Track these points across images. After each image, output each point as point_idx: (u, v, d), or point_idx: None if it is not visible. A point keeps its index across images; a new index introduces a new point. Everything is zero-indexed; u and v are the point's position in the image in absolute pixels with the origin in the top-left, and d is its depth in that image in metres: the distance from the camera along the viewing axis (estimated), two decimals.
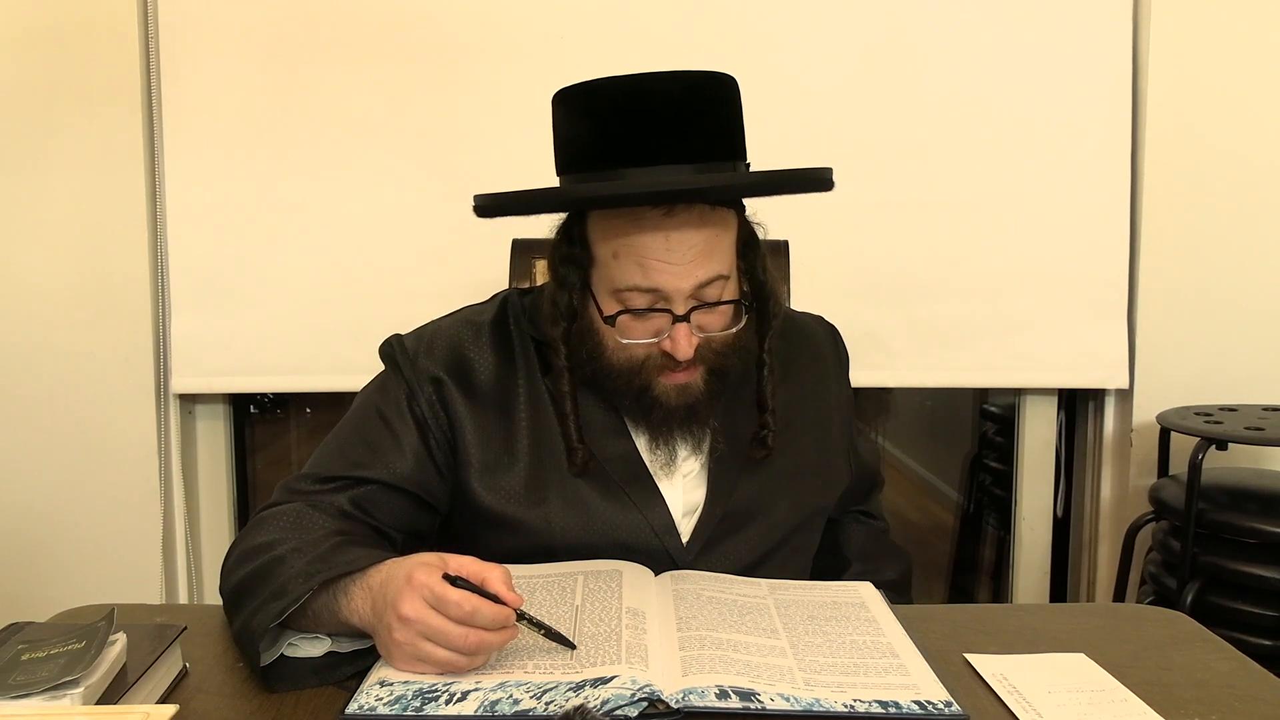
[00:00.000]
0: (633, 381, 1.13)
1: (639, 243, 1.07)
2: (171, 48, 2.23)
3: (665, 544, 1.16)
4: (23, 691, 0.80)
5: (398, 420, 1.16)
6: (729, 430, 1.19)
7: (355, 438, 1.17)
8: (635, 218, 1.07)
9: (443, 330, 1.21)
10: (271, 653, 0.96)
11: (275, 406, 2.65)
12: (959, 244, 2.27)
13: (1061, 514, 2.49)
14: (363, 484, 1.13)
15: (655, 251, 1.07)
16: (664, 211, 1.06)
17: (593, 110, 1.09)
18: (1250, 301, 2.25)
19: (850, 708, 0.86)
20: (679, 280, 1.08)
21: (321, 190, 2.26)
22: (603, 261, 1.11)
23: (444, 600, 0.88)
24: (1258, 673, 0.98)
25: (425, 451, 1.16)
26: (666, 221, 1.07)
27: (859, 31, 2.24)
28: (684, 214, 1.07)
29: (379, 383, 1.21)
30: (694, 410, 1.14)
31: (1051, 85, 2.24)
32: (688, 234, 1.07)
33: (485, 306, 1.25)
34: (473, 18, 2.23)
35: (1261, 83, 2.22)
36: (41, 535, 2.29)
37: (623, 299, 1.10)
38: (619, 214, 1.09)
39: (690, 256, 1.08)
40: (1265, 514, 1.90)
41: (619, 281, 1.09)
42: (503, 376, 1.18)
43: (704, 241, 1.08)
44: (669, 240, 1.07)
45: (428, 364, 1.17)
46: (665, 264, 1.07)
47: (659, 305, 1.09)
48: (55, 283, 2.25)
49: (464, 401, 1.16)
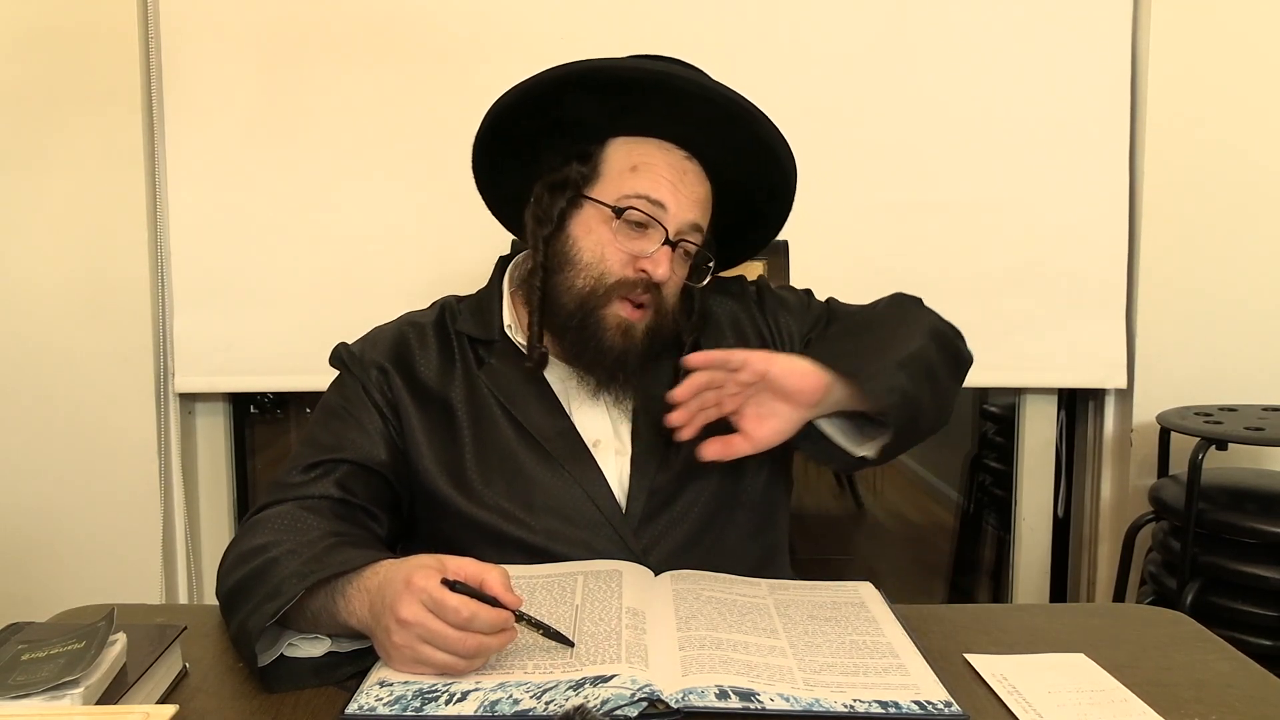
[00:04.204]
0: (586, 304, 1.18)
1: (660, 163, 1.20)
2: (172, 48, 2.23)
3: (605, 515, 1.18)
4: (23, 691, 0.80)
5: (360, 409, 1.21)
6: (648, 407, 1.22)
7: (324, 430, 1.21)
8: (662, 147, 1.22)
9: (385, 331, 1.29)
10: (271, 653, 0.96)
11: (275, 406, 2.65)
12: (959, 244, 2.27)
13: (1061, 514, 2.49)
14: (341, 465, 1.17)
15: (673, 175, 1.20)
16: (685, 155, 1.22)
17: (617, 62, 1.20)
18: (1250, 301, 2.25)
19: (850, 708, 0.86)
20: (683, 210, 1.20)
21: (322, 190, 2.26)
22: (615, 174, 1.21)
23: (442, 605, 0.88)
24: (1258, 673, 0.98)
25: (388, 434, 1.21)
26: (686, 163, 1.22)
27: (858, 32, 2.24)
28: (697, 167, 1.23)
29: (335, 384, 1.27)
30: (625, 358, 1.19)
31: (1051, 85, 2.24)
32: (697, 181, 1.23)
33: (426, 311, 1.33)
34: (473, 18, 2.23)
35: (1261, 82, 2.22)
36: (41, 535, 2.29)
37: (627, 204, 1.18)
38: (646, 142, 1.22)
39: (695, 198, 1.22)
40: (1265, 514, 1.90)
41: (630, 189, 1.19)
42: (442, 371, 1.24)
43: (704, 194, 1.24)
44: (685, 177, 1.21)
45: (373, 356, 1.24)
46: (677, 188, 1.20)
47: (657, 222, 1.18)
48: (55, 282, 2.25)
49: (408, 391, 1.22)
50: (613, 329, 1.19)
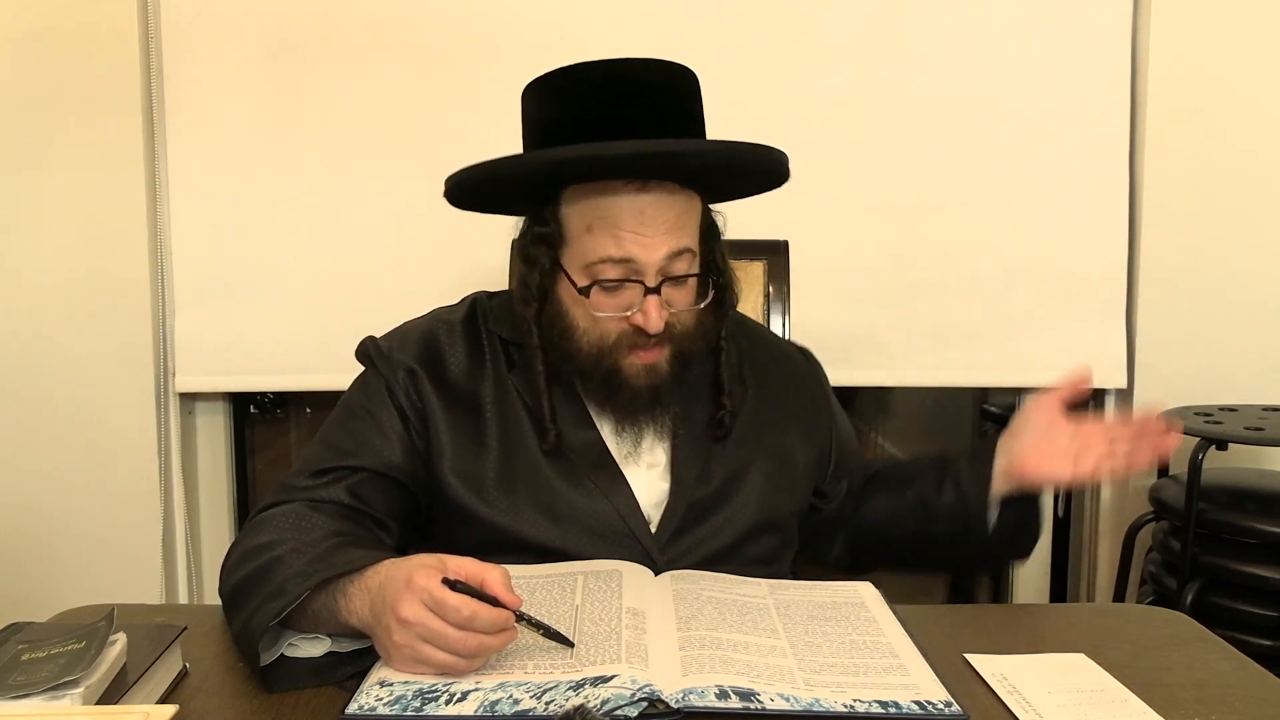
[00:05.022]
0: (602, 362, 1.15)
1: (614, 215, 1.11)
2: (172, 48, 2.23)
3: (633, 529, 1.17)
4: (23, 691, 0.80)
5: (381, 411, 1.19)
6: (688, 417, 1.22)
7: (342, 432, 1.19)
8: (610, 191, 1.11)
9: (415, 327, 1.26)
10: (271, 653, 0.96)
11: (275, 406, 2.65)
12: (959, 244, 2.27)
13: (1061, 514, 2.49)
14: (356, 472, 1.15)
15: (629, 223, 1.11)
16: (638, 186, 1.10)
17: (567, 90, 1.13)
18: (1250, 301, 2.25)
19: (850, 708, 0.86)
20: (651, 251, 1.11)
21: (322, 190, 2.26)
22: (575, 236, 1.14)
23: (443, 604, 0.88)
24: (1258, 673, 0.98)
25: (409, 438, 1.19)
26: (641, 195, 1.11)
27: (858, 31, 2.24)
28: (657, 189, 1.11)
29: (358, 382, 1.24)
30: (658, 393, 1.17)
31: (1051, 85, 2.24)
32: (660, 208, 1.11)
33: (456, 307, 1.29)
34: (473, 18, 2.23)
35: (1261, 82, 2.22)
36: (41, 535, 2.29)
37: (594, 272, 1.13)
38: (593, 188, 1.12)
39: (663, 229, 1.11)
40: (1265, 514, 1.90)
41: (592, 254, 1.12)
42: (472, 371, 1.22)
43: (675, 215, 1.12)
44: (643, 213, 1.11)
45: (401, 357, 1.21)
46: (639, 235, 1.11)
47: (631, 278, 1.12)
48: (56, 282, 2.25)
49: (436, 392, 1.20)
50: (636, 374, 1.15)
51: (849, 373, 2.20)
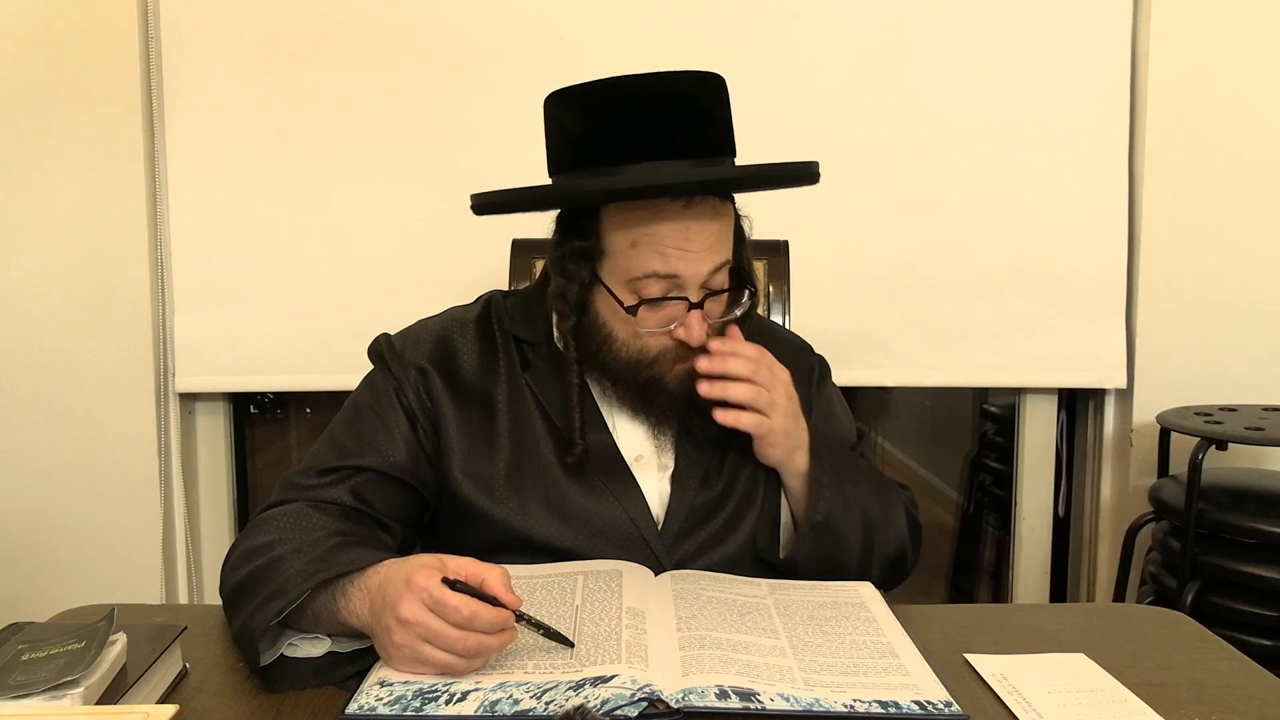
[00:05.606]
0: (640, 374, 1.16)
1: (659, 232, 1.12)
2: (172, 48, 2.23)
3: (642, 532, 1.17)
4: (23, 691, 0.80)
5: (388, 412, 1.19)
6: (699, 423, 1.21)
7: (349, 431, 1.19)
8: (656, 209, 1.12)
9: (429, 326, 1.26)
10: (271, 653, 0.96)
11: (275, 406, 2.65)
12: (959, 244, 2.27)
13: (1062, 514, 2.49)
14: (360, 473, 1.15)
15: (674, 240, 1.12)
16: (684, 203, 1.11)
17: (595, 109, 1.13)
18: (1250, 301, 2.25)
19: (850, 708, 0.86)
20: (696, 266, 1.12)
21: (322, 190, 2.26)
22: (618, 251, 1.14)
23: (443, 604, 0.88)
24: (1258, 673, 0.98)
25: (415, 440, 1.18)
26: (686, 212, 1.12)
27: (858, 31, 2.24)
28: (701, 205, 1.12)
29: (368, 380, 1.24)
30: (693, 398, 1.17)
31: (1050, 85, 2.24)
32: (705, 224, 1.13)
33: (471, 306, 1.29)
34: (473, 19, 2.23)
35: (1261, 83, 2.22)
36: (41, 535, 2.29)
37: (637, 287, 1.14)
38: (639, 206, 1.12)
39: (706, 244, 1.13)
40: (1265, 514, 1.90)
41: (636, 270, 1.13)
42: (486, 371, 1.22)
43: (717, 230, 1.14)
44: (689, 230, 1.12)
45: (414, 356, 1.21)
46: (684, 252, 1.12)
47: (673, 294, 1.13)
48: (56, 282, 2.25)
49: (448, 392, 1.20)
50: (676, 380, 1.16)
51: (849, 373, 2.20)
